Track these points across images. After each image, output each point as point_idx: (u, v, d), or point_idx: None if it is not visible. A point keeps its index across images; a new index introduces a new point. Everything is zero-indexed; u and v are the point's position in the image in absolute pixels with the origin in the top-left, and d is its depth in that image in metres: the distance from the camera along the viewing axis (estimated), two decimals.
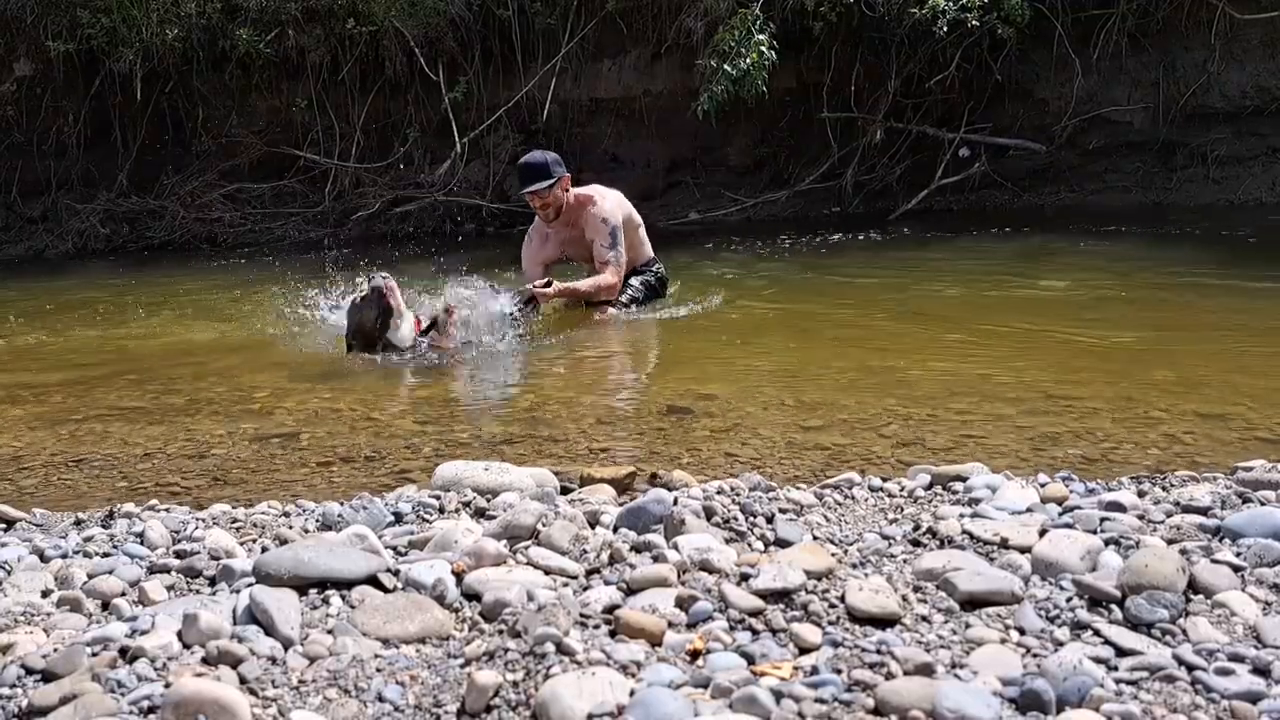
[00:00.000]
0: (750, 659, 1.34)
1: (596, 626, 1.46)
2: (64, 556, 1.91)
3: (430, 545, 1.83)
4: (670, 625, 1.45)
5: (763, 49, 8.05)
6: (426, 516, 2.06)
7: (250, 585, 1.62)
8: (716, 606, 1.50)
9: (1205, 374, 3.34)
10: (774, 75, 8.29)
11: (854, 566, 1.67)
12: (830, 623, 1.45)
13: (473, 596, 1.59)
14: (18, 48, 9.48)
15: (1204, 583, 1.50)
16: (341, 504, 2.14)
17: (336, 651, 1.42)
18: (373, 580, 1.64)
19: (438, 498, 2.16)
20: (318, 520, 2.07)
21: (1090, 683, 1.23)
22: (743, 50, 8.03)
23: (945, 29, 8.19)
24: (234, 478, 2.70)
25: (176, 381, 3.94)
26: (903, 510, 1.99)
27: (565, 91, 9.40)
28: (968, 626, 1.42)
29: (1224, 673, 1.26)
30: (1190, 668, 1.28)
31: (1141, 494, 2.01)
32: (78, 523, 2.19)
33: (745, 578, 1.58)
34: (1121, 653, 1.33)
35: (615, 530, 1.89)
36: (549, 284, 4.37)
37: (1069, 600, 1.48)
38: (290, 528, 2.02)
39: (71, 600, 1.65)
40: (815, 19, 8.59)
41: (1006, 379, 3.35)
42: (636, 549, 1.75)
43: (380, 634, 1.47)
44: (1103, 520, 1.79)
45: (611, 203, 4.67)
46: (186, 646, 1.43)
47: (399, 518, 2.06)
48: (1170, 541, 1.70)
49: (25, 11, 9.18)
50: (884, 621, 1.44)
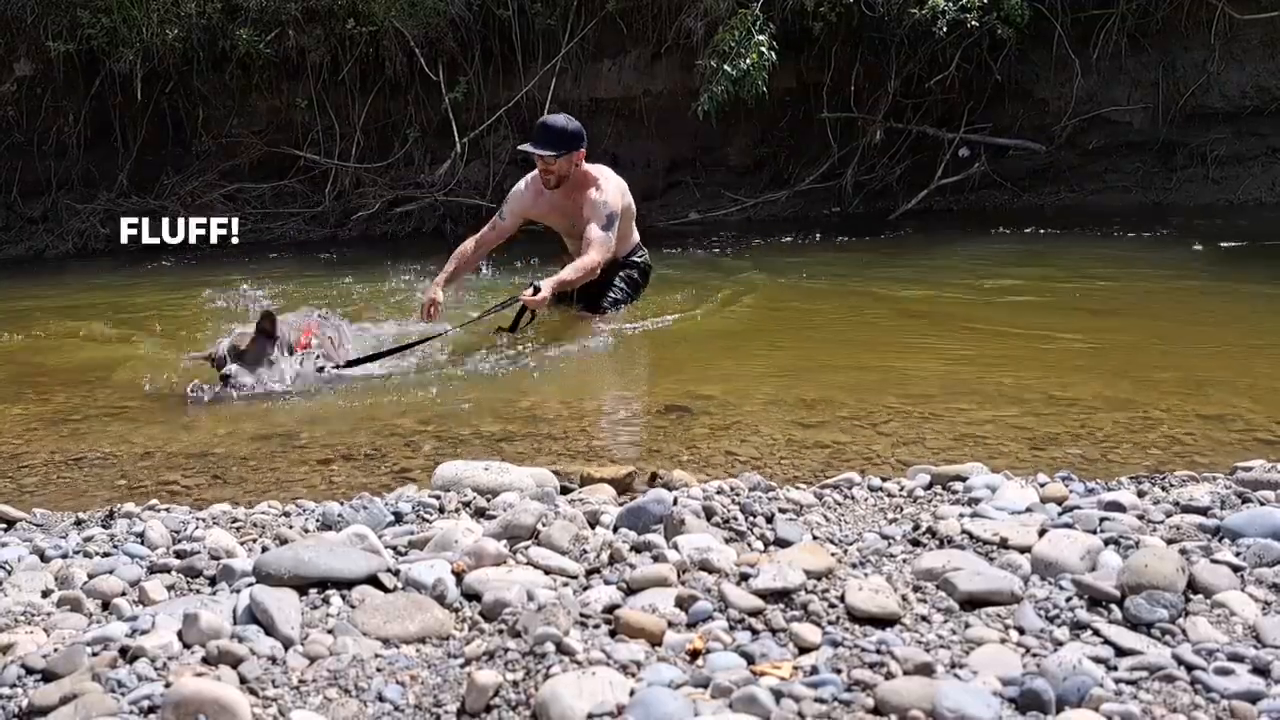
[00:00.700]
0: (750, 659, 1.35)
1: (596, 626, 1.46)
2: (64, 556, 1.91)
3: (430, 545, 1.83)
4: (670, 625, 1.45)
5: (763, 49, 8.05)
6: (426, 516, 2.06)
7: (250, 585, 1.62)
8: (716, 606, 1.50)
9: (1205, 374, 3.35)
10: (774, 75, 8.29)
11: (854, 566, 1.67)
12: (830, 622, 1.45)
13: (473, 596, 1.59)
14: (18, 48, 9.47)
15: (1203, 583, 1.51)
16: (341, 504, 2.14)
17: (337, 651, 1.42)
18: (373, 580, 1.64)
19: (438, 497, 2.16)
20: (318, 520, 2.07)
21: (1090, 682, 1.23)
22: (743, 50, 8.03)
23: (945, 29, 8.19)
24: (234, 477, 2.70)
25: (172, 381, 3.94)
26: (902, 510, 1.99)
27: (565, 92, 9.39)
28: (967, 626, 1.42)
29: (1223, 672, 1.26)
30: (1190, 667, 1.28)
31: (1141, 494, 2.01)
32: (78, 523, 2.19)
33: (745, 577, 1.58)
34: (1121, 652, 1.33)
35: (615, 530, 1.89)
36: (536, 291, 4.24)
37: (1069, 600, 1.48)
38: (290, 527, 2.02)
39: (72, 600, 1.65)
40: (815, 19, 8.59)
41: (1006, 379, 3.35)
42: (636, 549, 1.75)
43: (380, 634, 1.47)
44: (1102, 520, 1.79)
45: (614, 190, 4.60)
46: (187, 646, 1.43)
47: (399, 517, 2.06)
48: (1170, 541, 1.70)
49: (25, 11, 9.17)
50: (884, 621, 1.45)
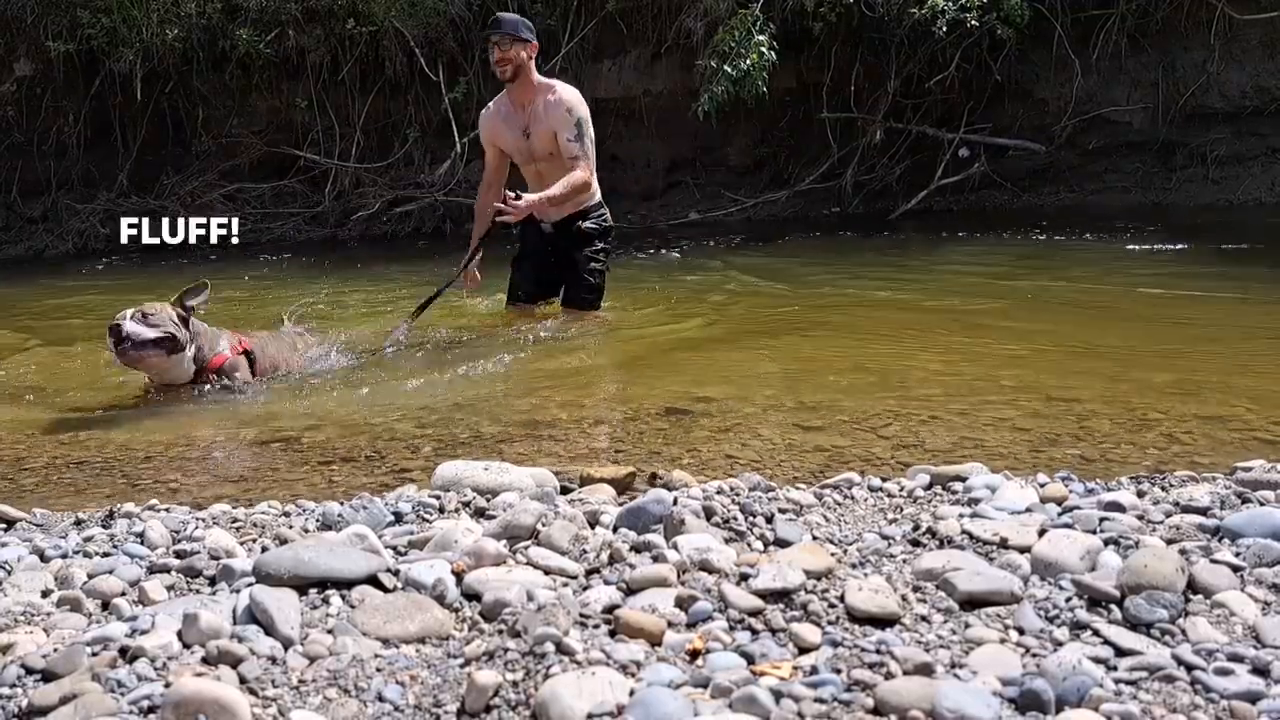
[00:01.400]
0: (750, 659, 1.34)
1: (596, 626, 1.46)
2: (64, 556, 1.91)
3: (430, 545, 1.83)
4: (670, 625, 1.45)
5: (763, 49, 8.06)
6: (426, 516, 2.06)
7: (250, 585, 1.62)
8: (716, 606, 1.50)
9: (1204, 374, 3.34)
10: (774, 75, 8.30)
11: (853, 566, 1.67)
12: (830, 622, 1.45)
13: (473, 596, 1.58)
14: (18, 48, 9.47)
15: (1203, 583, 1.50)
16: (341, 504, 2.14)
17: (336, 651, 1.42)
18: (373, 580, 1.64)
19: (438, 497, 2.16)
20: (318, 520, 2.06)
21: (1089, 682, 1.23)
22: (743, 50, 8.04)
23: (945, 29, 8.21)
24: (234, 477, 2.70)
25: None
26: (902, 510, 1.99)
27: None
28: (967, 626, 1.42)
29: (1223, 673, 1.26)
30: (1189, 667, 1.28)
31: (1141, 494, 2.01)
32: (78, 523, 2.19)
33: (745, 578, 1.58)
34: (1121, 653, 1.33)
35: (615, 530, 1.89)
36: (518, 197, 3.98)
37: (1068, 600, 1.48)
38: (290, 527, 2.02)
39: (71, 600, 1.65)
40: (815, 19, 8.60)
41: (1006, 379, 3.35)
42: (636, 549, 1.75)
43: (380, 634, 1.47)
44: (1102, 520, 1.79)
45: (574, 94, 4.40)
46: (186, 646, 1.43)
47: (399, 517, 2.05)
48: (1169, 541, 1.70)
49: (25, 11, 9.17)
50: (883, 621, 1.45)
